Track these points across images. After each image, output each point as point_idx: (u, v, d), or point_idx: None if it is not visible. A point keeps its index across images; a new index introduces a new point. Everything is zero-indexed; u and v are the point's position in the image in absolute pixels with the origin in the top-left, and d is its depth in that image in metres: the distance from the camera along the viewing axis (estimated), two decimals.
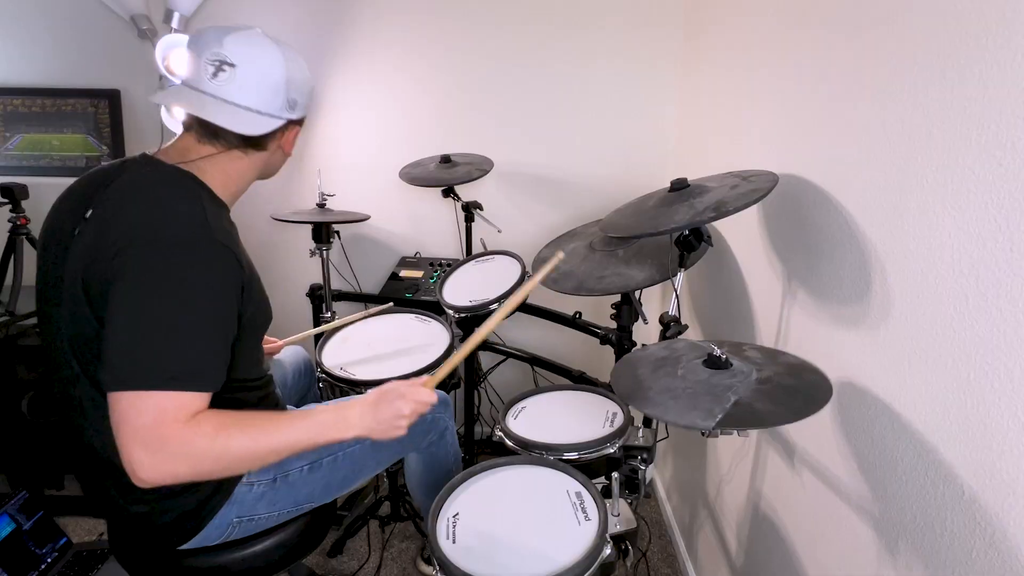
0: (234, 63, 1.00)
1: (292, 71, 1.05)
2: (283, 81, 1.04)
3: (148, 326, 0.87)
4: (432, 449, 1.42)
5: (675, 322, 1.26)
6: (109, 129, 2.19)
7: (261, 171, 1.14)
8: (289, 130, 1.10)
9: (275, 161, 1.15)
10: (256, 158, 1.09)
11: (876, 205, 0.94)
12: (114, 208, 0.95)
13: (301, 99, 1.09)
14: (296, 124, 1.11)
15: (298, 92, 1.07)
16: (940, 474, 0.80)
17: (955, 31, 0.77)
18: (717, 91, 1.72)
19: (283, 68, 1.03)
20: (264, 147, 1.09)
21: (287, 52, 1.05)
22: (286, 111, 1.06)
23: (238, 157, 1.07)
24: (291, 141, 1.13)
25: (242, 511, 1.10)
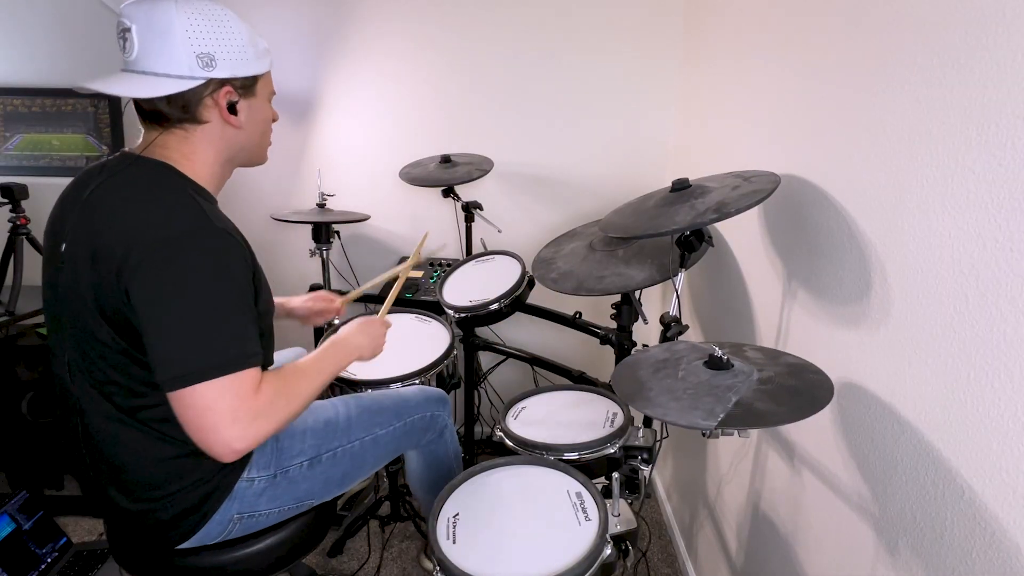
0: (129, 25, 0.94)
1: (194, 19, 0.94)
2: (182, 32, 0.93)
3: (191, 320, 0.90)
4: (431, 447, 1.43)
5: (676, 322, 1.26)
6: (109, 129, 2.20)
7: (224, 152, 1.05)
8: (218, 94, 0.98)
9: (232, 138, 1.04)
10: (203, 134, 1.01)
11: (876, 205, 0.94)
12: (107, 210, 0.95)
13: (223, 55, 0.96)
14: (226, 85, 0.99)
15: (212, 46, 0.95)
16: (940, 474, 0.80)
17: (955, 31, 0.77)
18: (717, 91, 1.73)
19: (180, 18, 0.93)
20: (197, 118, 0.99)
21: (188, 3, 0.94)
22: (198, 69, 0.95)
23: (182, 137, 1.00)
24: (227, 107, 1.00)
25: (243, 507, 1.11)
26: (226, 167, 1.09)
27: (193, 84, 0.96)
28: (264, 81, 1.07)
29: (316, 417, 1.22)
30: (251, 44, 1.01)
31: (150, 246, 0.90)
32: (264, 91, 1.07)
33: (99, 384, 0.99)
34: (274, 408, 0.96)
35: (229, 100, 1.00)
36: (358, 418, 1.27)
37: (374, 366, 1.56)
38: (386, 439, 1.29)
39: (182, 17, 0.93)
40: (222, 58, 0.97)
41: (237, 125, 1.03)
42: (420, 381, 1.55)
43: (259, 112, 1.07)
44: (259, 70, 1.03)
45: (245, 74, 1.01)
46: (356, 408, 1.28)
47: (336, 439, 1.22)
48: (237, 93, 1.01)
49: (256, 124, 1.07)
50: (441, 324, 1.77)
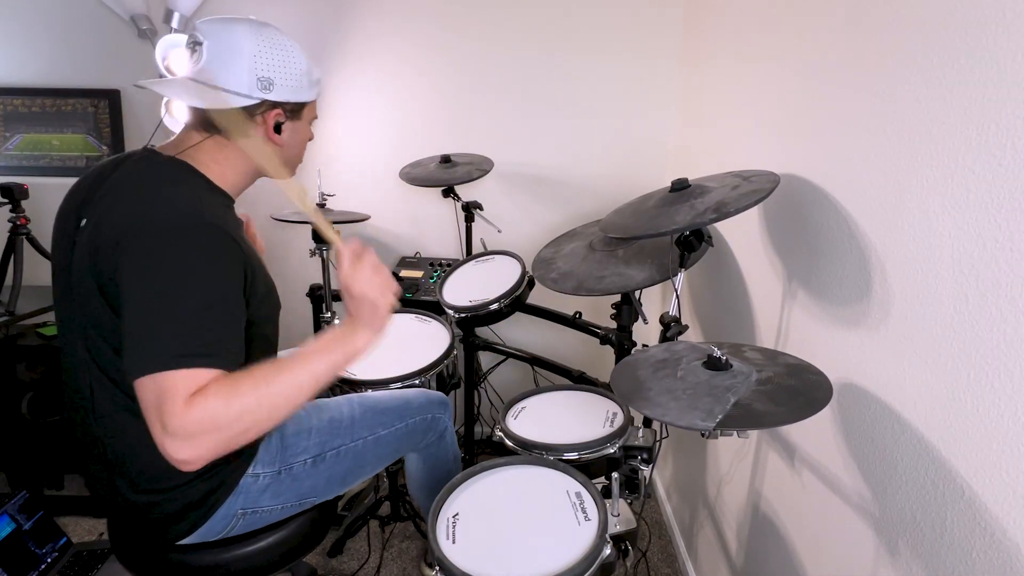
0: (202, 40, 1.00)
1: (263, 47, 1.01)
2: (250, 56, 0.99)
3: (153, 310, 0.88)
4: (431, 450, 1.44)
5: (675, 322, 1.26)
6: (109, 129, 2.19)
7: (257, 162, 1.08)
8: (268, 114, 1.04)
9: (267, 152, 1.08)
10: (242, 146, 1.06)
11: (876, 205, 0.94)
12: (110, 201, 0.98)
13: (281, 80, 1.03)
14: (277, 108, 1.05)
15: (274, 72, 1.02)
16: (940, 474, 0.80)
17: (955, 31, 0.77)
18: (717, 91, 1.72)
19: (251, 43, 1.00)
20: (243, 132, 1.04)
21: (262, 29, 1.02)
22: (256, 90, 1.01)
23: (220, 144, 1.05)
24: (274, 127, 1.06)
25: (247, 502, 1.11)
26: (254, 177, 1.13)
27: (249, 102, 1.02)
28: (310, 107, 1.13)
29: (321, 415, 1.23)
30: (307, 74, 1.08)
31: (140, 234, 0.91)
32: (308, 116, 1.14)
33: (105, 371, 1.00)
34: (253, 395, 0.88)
35: (277, 121, 1.06)
36: (362, 417, 1.28)
37: (374, 366, 1.57)
38: (388, 439, 1.30)
39: (253, 42, 1.01)
40: (280, 84, 1.03)
41: (279, 144, 1.09)
42: (420, 381, 1.55)
43: (300, 134, 1.13)
44: (309, 98, 1.10)
45: (297, 100, 1.07)
46: (360, 407, 1.29)
47: (340, 437, 1.23)
48: (285, 116, 1.07)
49: (296, 145, 1.14)
50: (441, 324, 1.77)
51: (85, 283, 0.97)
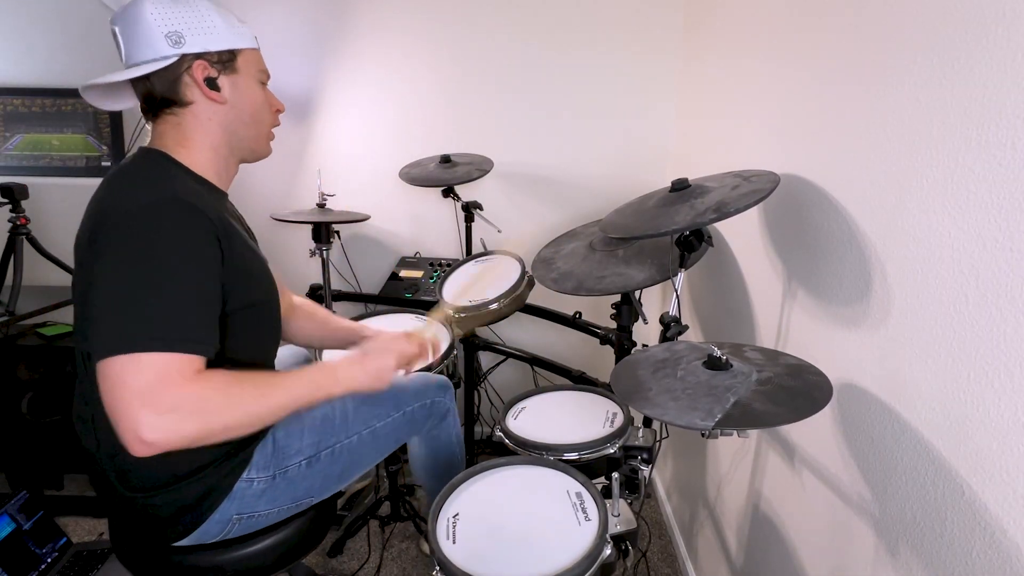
0: (114, 28, 1.00)
1: (158, 6, 0.98)
2: (151, 19, 0.97)
3: (130, 291, 0.87)
4: (434, 432, 1.41)
5: (675, 322, 1.26)
6: (109, 129, 2.20)
7: (217, 135, 1.06)
8: (194, 69, 1.00)
9: (222, 119, 1.05)
10: (192, 117, 1.03)
11: (876, 205, 0.94)
12: (97, 196, 1.00)
13: (192, 30, 0.99)
14: (200, 59, 1.00)
15: (180, 24, 0.98)
16: (940, 474, 0.80)
17: (955, 31, 0.77)
18: (717, 91, 1.73)
19: (147, 7, 0.97)
20: (181, 98, 1.01)
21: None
22: (168, 47, 0.98)
23: (175, 123, 1.03)
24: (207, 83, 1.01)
25: (242, 507, 1.10)
26: (227, 157, 1.10)
27: (166, 63, 0.99)
28: (247, 58, 1.06)
29: (313, 413, 1.20)
30: (223, 21, 1.03)
31: (111, 220, 0.91)
32: (249, 69, 1.07)
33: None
34: (203, 405, 0.87)
35: (208, 76, 1.02)
36: (355, 412, 1.25)
37: None
38: (385, 431, 1.27)
39: (148, 5, 0.97)
40: (191, 33, 0.99)
41: (220, 100, 1.04)
42: None
43: (247, 91, 1.07)
44: (235, 44, 1.04)
45: (218, 48, 1.02)
46: (353, 401, 1.26)
47: (334, 435, 1.20)
48: (215, 68, 1.02)
49: (244, 103, 1.07)
50: (441, 324, 1.77)
51: (79, 280, 0.99)
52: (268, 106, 1.13)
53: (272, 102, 1.14)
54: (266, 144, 1.16)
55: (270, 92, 1.14)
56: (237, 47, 1.04)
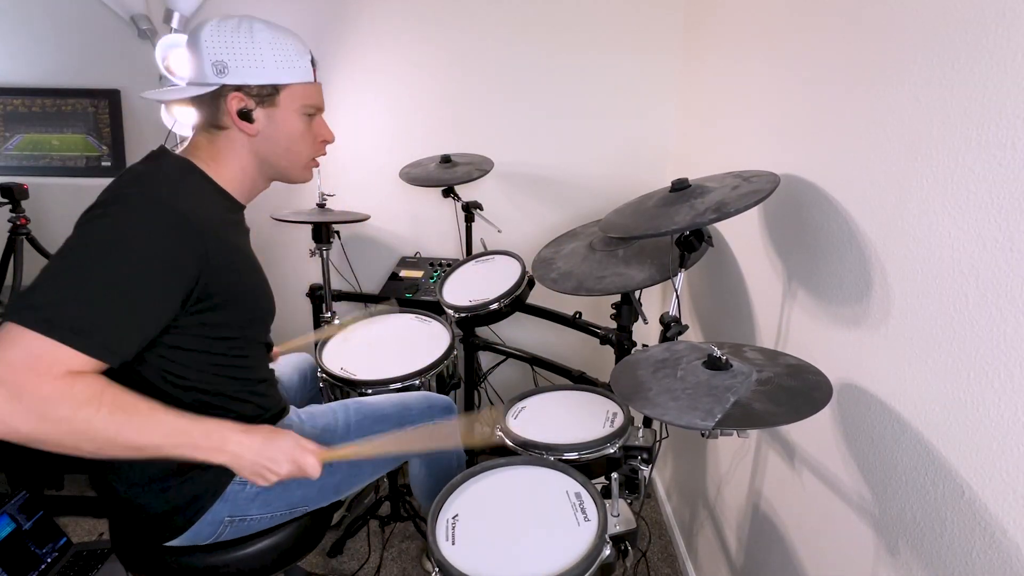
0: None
1: (217, 32, 1.00)
2: (205, 44, 1.00)
3: (54, 270, 0.85)
4: (435, 454, 1.41)
5: (675, 322, 1.26)
6: (109, 129, 2.20)
7: (249, 161, 1.07)
8: (229, 99, 1.01)
9: (255, 147, 1.07)
10: (226, 140, 1.05)
11: (876, 205, 0.94)
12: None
13: (237, 62, 1.00)
14: (237, 92, 1.01)
15: (227, 54, 1.00)
16: (940, 474, 0.80)
17: (955, 31, 0.77)
18: (717, 90, 1.72)
19: (207, 31, 1.00)
20: (218, 123, 1.04)
21: (226, 19, 1.02)
22: (212, 75, 1.01)
23: (208, 140, 1.06)
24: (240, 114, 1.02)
25: (234, 510, 1.10)
26: (255, 178, 1.11)
27: (207, 89, 1.02)
28: (292, 92, 1.06)
29: (314, 423, 1.20)
30: (279, 55, 1.04)
31: (101, 198, 0.92)
32: (292, 103, 1.07)
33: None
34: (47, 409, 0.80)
35: (242, 108, 1.03)
36: (357, 425, 1.24)
37: (374, 366, 1.57)
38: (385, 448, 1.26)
39: (210, 30, 1.01)
40: (235, 65, 1.01)
41: (251, 132, 1.05)
42: (420, 381, 1.55)
43: (283, 124, 1.07)
44: (280, 79, 1.04)
45: (259, 82, 1.03)
46: (356, 414, 1.26)
47: (334, 446, 1.19)
48: (253, 101, 1.03)
49: (279, 135, 1.07)
50: (441, 324, 1.77)
51: None
52: (309, 138, 1.12)
53: (320, 134, 1.14)
54: (301, 172, 1.16)
55: (322, 123, 1.14)
56: (282, 82, 1.04)
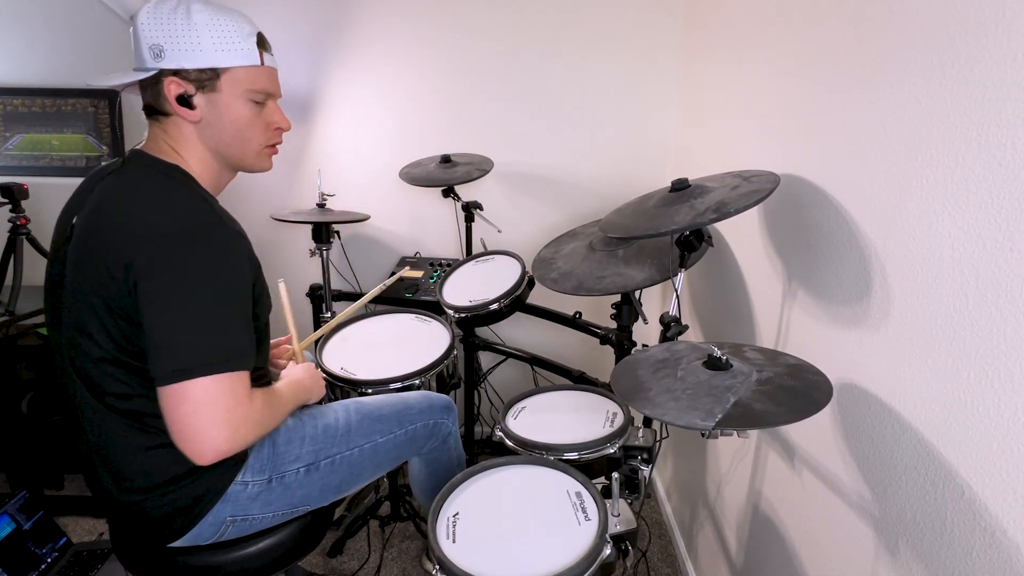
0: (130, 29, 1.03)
1: (154, 15, 0.97)
2: (142, 28, 0.98)
3: (196, 314, 0.92)
4: (435, 454, 1.41)
5: (675, 322, 1.26)
6: (109, 129, 2.20)
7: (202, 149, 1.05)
8: (167, 84, 0.99)
9: (201, 134, 1.04)
10: (174, 128, 1.03)
11: (876, 205, 0.94)
12: (116, 206, 0.97)
13: (173, 46, 0.97)
14: (173, 76, 0.99)
15: (163, 38, 0.97)
16: (940, 474, 0.80)
17: (955, 31, 0.77)
18: (717, 91, 1.73)
19: (143, 15, 0.98)
20: (161, 109, 1.02)
21: (160, 2, 0.99)
22: (151, 60, 0.98)
23: (161, 130, 1.04)
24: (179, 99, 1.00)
25: (236, 510, 1.10)
26: (218, 169, 1.10)
27: (145, 75, 1.00)
28: (236, 76, 1.02)
29: (315, 422, 1.21)
30: (211, 35, 0.99)
31: (161, 240, 0.92)
32: (235, 88, 1.03)
33: (81, 374, 1.01)
34: (262, 418, 1.01)
35: (180, 93, 1.00)
36: (358, 424, 1.24)
37: (374, 366, 1.57)
38: (386, 447, 1.27)
39: (144, 13, 0.98)
40: (171, 49, 0.98)
41: (192, 119, 1.02)
42: (420, 381, 1.55)
43: (227, 110, 1.03)
44: (220, 63, 1.00)
45: (196, 65, 0.99)
46: (357, 414, 1.26)
47: (335, 446, 1.20)
48: (192, 86, 1.00)
49: (224, 122, 1.04)
50: (441, 324, 1.77)
51: (79, 289, 0.97)
52: (259, 125, 1.08)
53: (272, 120, 1.10)
54: (257, 160, 1.12)
55: (275, 109, 1.10)
56: (222, 65, 1.00)
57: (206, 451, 0.93)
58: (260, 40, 1.05)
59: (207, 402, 0.91)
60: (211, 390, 0.91)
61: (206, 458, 0.93)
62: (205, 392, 0.91)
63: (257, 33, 1.05)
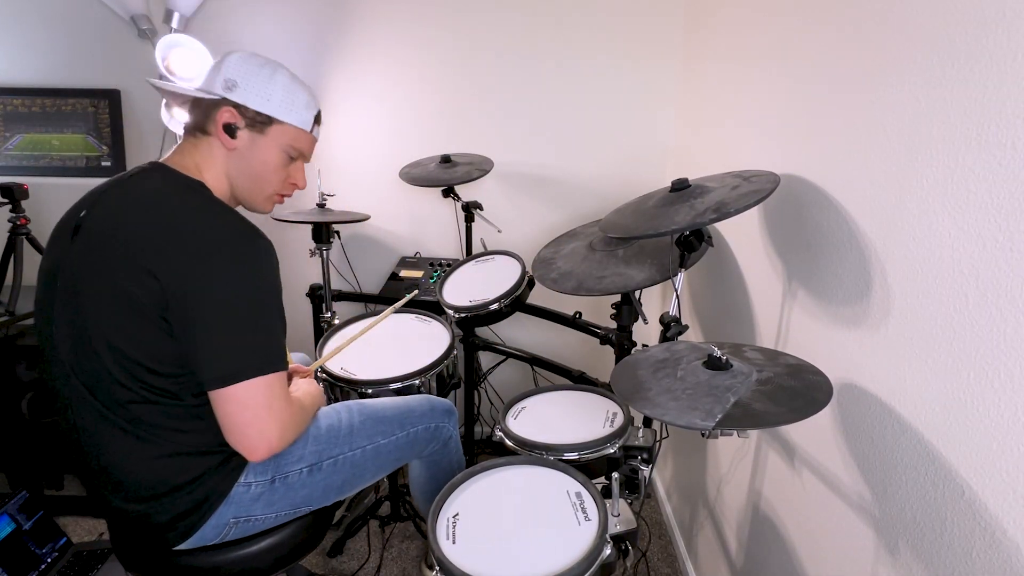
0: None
1: (243, 58, 1.10)
2: (227, 64, 1.09)
3: (249, 319, 0.98)
4: (435, 457, 1.42)
5: (675, 322, 1.26)
6: (109, 129, 2.19)
7: (223, 174, 1.12)
8: (222, 110, 1.08)
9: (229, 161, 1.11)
10: (207, 147, 1.11)
11: (876, 205, 0.94)
12: (147, 211, 1.00)
13: (246, 85, 1.08)
14: (232, 107, 1.08)
15: (241, 76, 1.08)
16: (940, 474, 0.80)
17: (955, 31, 0.77)
18: (717, 91, 1.73)
19: (235, 57, 1.10)
20: (205, 128, 1.10)
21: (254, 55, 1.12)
22: (220, 88, 1.08)
23: (193, 144, 1.11)
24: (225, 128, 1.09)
25: (239, 511, 1.10)
26: (228, 196, 1.16)
27: (211, 96, 1.08)
28: (284, 130, 1.13)
29: (318, 423, 1.21)
30: (283, 95, 1.11)
31: (211, 246, 0.96)
32: (279, 139, 1.13)
33: (86, 383, 1.00)
34: (299, 418, 1.09)
35: (229, 121, 1.09)
36: (361, 426, 1.25)
37: (375, 366, 1.57)
38: (388, 448, 1.28)
39: (236, 56, 1.11)
40: (244, 88, 1.09)
41: (228, 147, 1.10)
42: (420, 381, 1.55)
43: (261, 152, 1.12)
44: (277, 115, 1.11)
45: (256, 108, 1.09)
46: (359, 415, 1.27)
47: (338, 446, 1.20)
48: (244, 120, 1.10)
49: (254, 160, 1.12)
50: (441, 324, 1.77)
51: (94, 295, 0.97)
52: (281, 175, 1.17)
53: (293, 175, 1.19)
54: (263, 202, 1.20)
55: (300, 169, 1.20)
56: (278, 117, 1.11)
57: (260, 447, 0.99)
58: (317, 117, 1.18)
59: (259, 402, 0.97)
60: (262, 389, 0.97)
61: (258, 455, 1.00)
62: (257, 391, 0.97)
63: (318, 111, 1.18)
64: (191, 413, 1.02)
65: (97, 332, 0.97)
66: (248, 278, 0.98)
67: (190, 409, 1.02)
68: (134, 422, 1.00)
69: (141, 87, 2.18)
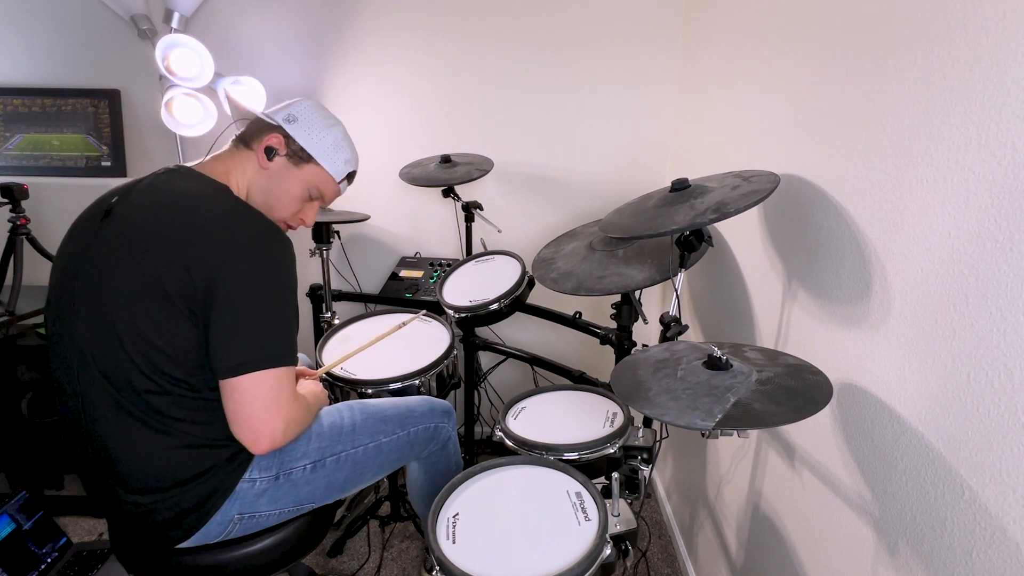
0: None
1: (312, 107, 1.21)
2: (299, 105, 1.20)
3: (267, 312, 1.01)
4: (433, 459, 1.43)
5: (675, 322, 1.26)
6: (109, 129, 2.19)
7: (247, 185, 1.17)
8: (270, 135, 1.17)
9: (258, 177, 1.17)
10: (244, 159, 1.18)
11: (876, 205, 0.94)
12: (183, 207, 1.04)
13: (304, 124, 1.19)
14: (282, 136, 1.17)
15: (303, 116, 1.19)
16: (940, 474, 0.80)
17: (955, 32, 0.77)
18: (717, 90, 1.73)
19: (309, 103, 1.22)
20: (248, 143, 1.19)
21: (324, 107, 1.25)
22: (280, 118, 1.18)
23: (232, 153, 1.19)
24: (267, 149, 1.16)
25: (244, 508, 1.11)
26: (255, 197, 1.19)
27: (268, 120, 1.18)
28: (317, 173, 1.21)
29: (321, 421, 1.23)
30: (331, 145, 1.21)
31: (243, 241, 1.02)
32: (309, 178, 1.20)
33: (105, 372, 1.01)
34: (303, 415, 1.11)
35: (274, 145, 1.17)
36: (363, 424, 1.27)
37: (375, 366, 1.57)
38: (389, 447, 1.29)
39: (311, 102, 1.23)
40: (300, 126, 1.19)
41: (263, 165, 1.17)
42: (420, 381, 1.55)
43: (288, 180, 1.19)
44: (318, 157, 1.20)
45: (301, 143, 1.18)
46: (361, 414, 1.29)
47: (340, 444, 1.22)
48: (286, 149, 1.18)
49: (279, 184, 1.18)
50: (441, 324, 1.77)
51: (115, 285, 1.00)
52: (295, 206, 1.22)
53: (305, 211, 1.25)
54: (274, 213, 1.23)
55: (314, 208, 1.26)
56: (317, 159, 1.20)
57: (263, 439, 1.01)
58: (351, 175, 1.28)
59: (267, 394, 1.00)
60: (271, 382, 1.00)
61: (262, 447, 1.02)
62: (266, 383, 1.00)
63: (354, 171, 1.28)
64: (208, 406, 1.04)
65: (123, 320, 0.99)
66: (269, 273, 1.02)
67: (207, 402, 1.04)
68: (150, 412, 1.02)
69: (141, 87, 2.18)
